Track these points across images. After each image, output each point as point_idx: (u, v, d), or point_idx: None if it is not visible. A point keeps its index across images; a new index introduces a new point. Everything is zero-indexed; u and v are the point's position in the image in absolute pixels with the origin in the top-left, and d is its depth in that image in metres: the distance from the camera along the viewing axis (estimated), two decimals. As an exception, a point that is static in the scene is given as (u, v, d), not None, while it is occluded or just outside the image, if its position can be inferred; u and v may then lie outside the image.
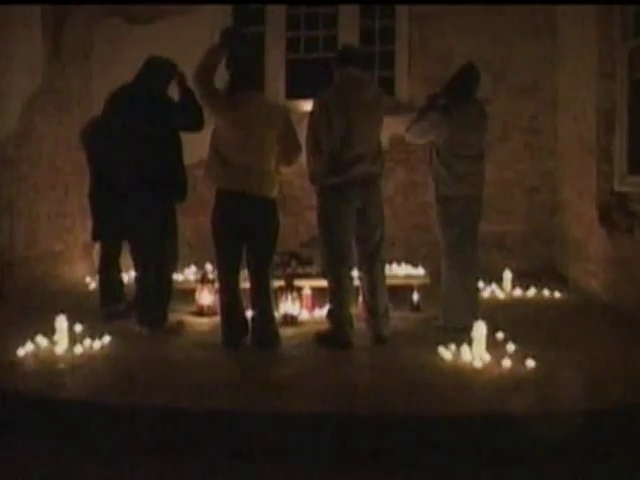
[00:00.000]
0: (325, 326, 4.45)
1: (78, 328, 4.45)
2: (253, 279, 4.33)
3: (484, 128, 4.72)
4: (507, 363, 3.80)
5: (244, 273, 4.42)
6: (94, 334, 4.41)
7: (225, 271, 4.33)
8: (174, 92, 4.64)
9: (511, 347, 4.07)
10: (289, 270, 5.51)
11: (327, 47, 7.10)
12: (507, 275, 6.16)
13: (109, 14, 7.04)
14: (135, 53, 4.84)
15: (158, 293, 4.66)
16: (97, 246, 5.56)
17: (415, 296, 5.38)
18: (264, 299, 4.31)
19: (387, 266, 5.79)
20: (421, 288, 5.47)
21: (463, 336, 4.12)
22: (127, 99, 4.58)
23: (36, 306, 5.43)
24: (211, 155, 4.24)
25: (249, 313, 4.46)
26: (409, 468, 3.04)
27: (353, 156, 4.17)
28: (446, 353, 4.03)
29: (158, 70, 4.61)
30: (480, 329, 3.97)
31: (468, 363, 3.89)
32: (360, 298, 4.79)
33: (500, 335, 4.32)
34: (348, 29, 7.09)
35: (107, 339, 4.41)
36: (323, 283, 4.54)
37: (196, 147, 4.84)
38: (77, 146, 5.17)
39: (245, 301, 4.44)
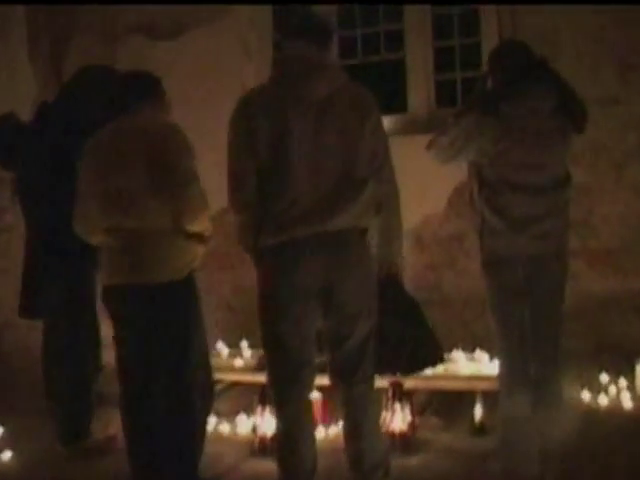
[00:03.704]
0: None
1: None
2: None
3: (564, 138, 2.78)
4: None
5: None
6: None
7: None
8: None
9: None
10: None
11: (391, 48, 5.45)
12: (642, 366, 3.97)
13: (128, 31, 6.00)
14: (161, 71, 3.72)
15: (74, 399, 3.36)
16: None
17: (478, 410, 3.45)
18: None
19: (448, 356, 3.75)
20: (490, 396, 3.46)
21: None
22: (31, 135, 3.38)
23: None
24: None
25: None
26: None
27: (300, 198, 2.40)
28: None
29: (85, 88, 3.43)
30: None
31: None
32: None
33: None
34: (416, 22, 5.37)
35: (7, 456, 3.36)
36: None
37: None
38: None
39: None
